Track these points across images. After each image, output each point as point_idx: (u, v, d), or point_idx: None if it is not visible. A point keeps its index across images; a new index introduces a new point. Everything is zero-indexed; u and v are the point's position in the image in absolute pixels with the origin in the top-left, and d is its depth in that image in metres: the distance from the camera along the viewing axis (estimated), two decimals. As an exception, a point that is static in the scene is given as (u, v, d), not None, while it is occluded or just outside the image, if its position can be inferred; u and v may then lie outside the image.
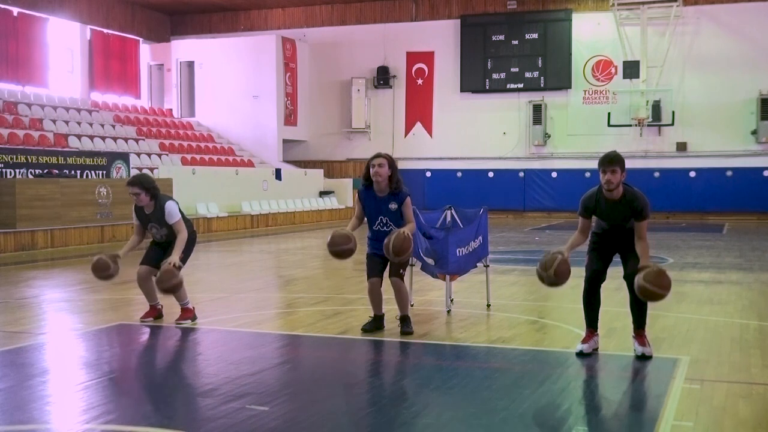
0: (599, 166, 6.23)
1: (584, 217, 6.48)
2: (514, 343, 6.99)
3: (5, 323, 8.19)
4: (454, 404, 5.21)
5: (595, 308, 6.54)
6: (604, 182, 6.22)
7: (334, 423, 4.87)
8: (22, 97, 23.35)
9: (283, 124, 28.98)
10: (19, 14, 24.00)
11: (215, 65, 28.81)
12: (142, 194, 7.66)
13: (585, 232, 6.52)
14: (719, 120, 26.38)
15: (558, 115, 28.08)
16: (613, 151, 6.35)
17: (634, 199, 6.25)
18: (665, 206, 26.07)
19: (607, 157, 6.23)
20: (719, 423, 4.78)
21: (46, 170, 17.73)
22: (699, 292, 10.17)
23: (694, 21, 26.48)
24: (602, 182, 6.24)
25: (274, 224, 24.33)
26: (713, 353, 6.60)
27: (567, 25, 27.80)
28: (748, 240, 18.27)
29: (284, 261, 15.26)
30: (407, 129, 29.83)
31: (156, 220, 7.73)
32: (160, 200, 7.70)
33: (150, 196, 7.69)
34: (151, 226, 7.80)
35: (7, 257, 14.98)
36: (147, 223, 7.81)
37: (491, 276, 9.15)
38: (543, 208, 27.75)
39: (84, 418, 4.85)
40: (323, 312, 8.53)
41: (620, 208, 6.29)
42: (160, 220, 7.69)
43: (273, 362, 6.50)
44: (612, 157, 6.21)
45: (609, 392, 5.66)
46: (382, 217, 7.23)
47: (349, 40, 29.86)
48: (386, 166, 7.16)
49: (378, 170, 7.13)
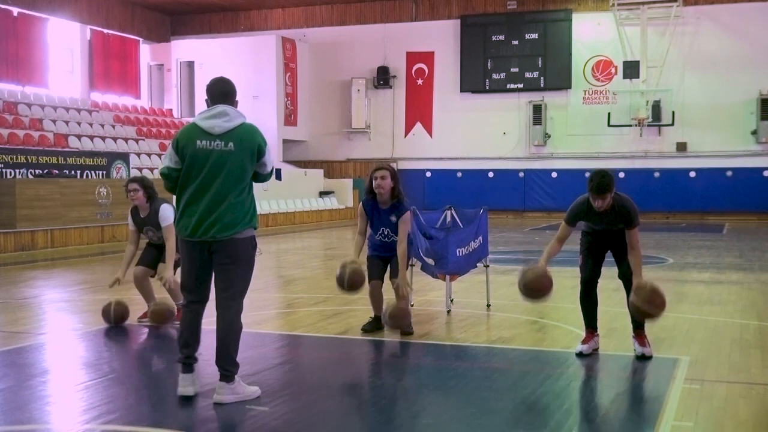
0: (590, 191, 6.10)
1: (570, 225, 6.38)
2: (514, 343, 6.99)
3: (5, 323, 8.19)
4: (454, 404, 5.21)
5: (592, 309, 6.54)
6: (595, 206, 6.16)
7: (334, 423, 4.87)
8: (22, 97, 23.35)
9: (283, 124, 28.98)
10: (19, 14, 24.00)
11: (215, 65, 28.74)
12: (141, 192, 7.68)
13: (563, 241, 6.41)
14: (719, 120, 26.38)
15: (558, 115, 28.08)
16: (601, 175, 6.09)
17: (623, 208, 6.21)
18: (665, 206, 26.08)
19: (599, 187, 6.03)
20: (719, 423, 4.78)
21: (46, 170, 17.73)
22: (699, 292, 10.17)
23: (694, 21, 26.48)
24: (593, 204, 6.18)
25: (274, 224, 24.33)
26: (713, 353, 6.60)
27: (567, 25, 27.80)
28: (748, 240, 18.27)
29: (284, 261, 15.26)
30: (407, 129, 29.83)
31: (152, 223, 7.77)
32: (156, 203, 7.73)
33: (147, 197, 7.72)
34: (147, 230, 7.86)
35: (7, 257, 14.97)
36: (143, 226, 7.86)
37: (491, 276, 9.15)
38: (543, 208, 27.75)
39: (84, 418, 4.85)
40: (323, 312, 8.53)
41: (611, 216, 6.27)
42: (155, 223, 7.74)
43: (273, 362, 6.50)
44: (603, 186, 6.02)
45: (609, 392, 5.67)
46: (384, 229, 7.30)
47: (349, 40, 29.86)
48: (389, 178, 7.19)
49: (381, 183, 7.16)
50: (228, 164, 5.04)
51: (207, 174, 5.04)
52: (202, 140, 5.07)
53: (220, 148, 5.05)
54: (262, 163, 5.21)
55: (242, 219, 5.10)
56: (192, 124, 5.16)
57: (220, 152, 5.04)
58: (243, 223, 5.09)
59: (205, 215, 5.03)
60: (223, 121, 5.10)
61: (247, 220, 5.13)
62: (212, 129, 5.08)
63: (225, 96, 5.25)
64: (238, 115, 5.19)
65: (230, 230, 5.05)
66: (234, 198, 5.05)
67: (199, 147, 5.06)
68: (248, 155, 5.10)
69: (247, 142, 5.11)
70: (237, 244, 5.09)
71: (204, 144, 5.06)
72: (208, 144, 5.06)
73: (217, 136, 5.06)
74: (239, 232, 5.08)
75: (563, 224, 6.40)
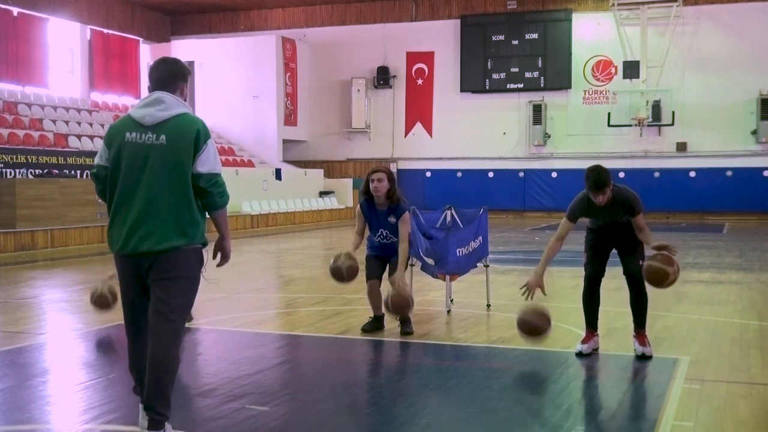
0: (589, 189, 6.11)
1: (571, 221, 6.38)
2: (514, 343, 6.98)
3: (5, 323, 8.19)
4: (454, 404, 5.21)
5: (594, 308, 6.54)
6: (596, 201, 6.18)
7: (334, 423, 4.87)
8: (22, 97, 23.35)
9: (283, 124, 28.98)
10: (19, 14, 23.99)
11: (215, 65, 28.81)
12: None
13: (563, 238, 6.40)
14: (719, 120, 26.38)
15: (558, 115, 28.08)
16: (597, 171, 6.10)
17: (623, 199, 6.23)
18: (665, 206, 26.07)
19: (596, 183, 6.05)
20: (719, 423, 4.78)
21: (46, 170, 17.74)
22: (699, 292, 10.17)
23: (694, 21, 26.48)
24: (594, 200, 6.19)
25: (274, 224, 24.33)
26: (713, 353, 6.60)
27: (567, 25, 27.80)
28: (748, 240, 18.28)
29: (284, 261, 15.26)
30: (407, 129, 29.83)
31: None
32: None
33: None
34: None
35: (7, 257, 14.97)
36: None
37: (491, 276, 9.15)
38: (543, 208, 27.75)
39: (84, 418, 4.85)
40: (323, 312, 8.53)
41: (613, 209, 6.27)
42: None
43: (273, 362, 6.50)
44: (601, 182, 6.04)
45: (609, 392, 5.66)
46: (382, 230, 7.32)
47: (349, 40, 29.85)
48: (385, 181, 7.21)
49: (377, 185, 7.18)
50: (160, 161, 4.13)
51: (137, 173, 4.15)
52: (132, 132, 4.19)
53: (151, 141, 4.15)
54: (199, 160, 4.16)
55: (183, 229, 4.16)
56: (126, 115, 4.32)
57: (150, 147, 4.14)
58: (185, 235, 4.16)
59: (136, 224, 4.12)
60: (157, 110, 4.20)
61: (191, 233, 4.18)
62: (143, 119, 4.20)
63: (166, 81, 4.32)
64: (177, 104, 4.25)
65: (166, 242, 4.12)
66: (171, 202, 4.13)
67: (128, 140, 4.18)
68: (184, 151, 4.14)
69: (182, 135, 4.16)
70: (176, 257, 4.15)
71: (134, 137, 4.17)
72: (138, 137, 4.16)
73: (149, 128, 4.17)
74: (181, 245, 4.15)
75: (564, 220, 6.40)
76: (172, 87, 4.30)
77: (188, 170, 4.15)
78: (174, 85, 4.30)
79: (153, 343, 4.17)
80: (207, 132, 4.25)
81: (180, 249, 4.15)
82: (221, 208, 4.29)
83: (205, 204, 4.24)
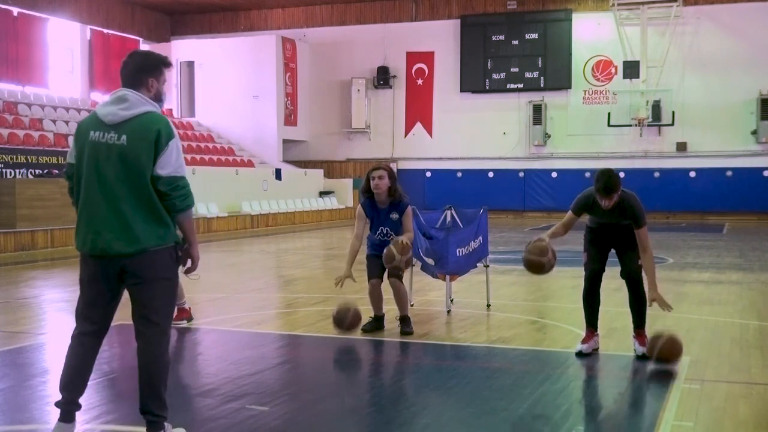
0: (597, 191, 6.12)
1: (575, 214, 6.42)
2: (514, 343, 6.99)
3: (5, 323, 8.19)
4: (454, 404, 5.21)
5: (595, 308, 6.54)
6: (602, 204, 6.18)
7: (334, 423, 4.87)
8: (22, 97, 23.35)
9: (283, 124, 28.98)
10: (19, 14, 24.00)
11: (215, 65, 28.81)
12: None
13: (568, 227, 6.44)
14: (719, 120, 26.38)
15: (558, 115, 28.08)
16: (608, 175, 6.11)
17: (629, 206, 6.22)
18: (665, 206, 26.07)
19: (606, 187, 6.05)
20: (719, 423, 4.78)
21: (46, 170, 17.74)
22: (699, 292, 10.17)
23: (694, 21, 26.48)
24: (600, 203, 6.20)
25: (274, 224, 24.34)
26: (713, 353, 6.60)
27: (567, 25, 27.80)
28: (748, 240, 18.28)
29: (284, 261, 15.26)
30: (407, 129, 29.83)
31: None
32: None
33: None
34: None
35: (7, 257, 14.97)
36: None
37: (491, 276, 9.15)
38: (543, 208, 27.74)
39: (84, 418, 4.85)
40: (323, 312, 8.53)
41: (615, 213, 6.27)
42: None
43: (273, 362, 6.50)
44: (610, 187, 6.05)
45: (609, 392, 5.67)
46: (383, 228, 7.31)
47: (349, 40, 29.85)
48: (386, 178, 7.20)
49: (378, 183, 7.17)
50: (122, 162, 4.05)
51: (98, 173, 4.08)
52: (96, 131, 4.12)
53: (113, 141, 4.07)
54: (159, 162, 4.05)
55: (152, 230, 4.09)
56: (93, 112, 4.25)
57: (111, 147, 4.07)
58: (155, 236, 4.09)
59: (102, 225, 4.07)
60: (119, 109, 4.11)
61: (162, 234, 4.12)
62: (106, 118, 4.12)
63: (131, 77, 4.21)
64: (141, 102, 4.13)
65: (137, 244, 4.05)
66: (135, 204, 4.06)
67: (92, 139, 4.12)
68: (144, 152, 4.03)
69: (143, 136, 4.05)
70: (150, 259, 4.10)
71: (97, 136, 4.10)
72: (101, 136, 4.09)
73: (111, 127, 4.09)
74: (150, 247, 4.08)
75: (569, 213, 6.46)
76: (137, 83, 4.18)
77: (149, 172, 4.05)
78: (140, 80, 4.18)
79: (140, 348, 4.22)
80: (170, 132, 4.12)
81: (151, 251, 4.09)
82: (183, 212, 4.17)
83: (167, 207, 4.12)
